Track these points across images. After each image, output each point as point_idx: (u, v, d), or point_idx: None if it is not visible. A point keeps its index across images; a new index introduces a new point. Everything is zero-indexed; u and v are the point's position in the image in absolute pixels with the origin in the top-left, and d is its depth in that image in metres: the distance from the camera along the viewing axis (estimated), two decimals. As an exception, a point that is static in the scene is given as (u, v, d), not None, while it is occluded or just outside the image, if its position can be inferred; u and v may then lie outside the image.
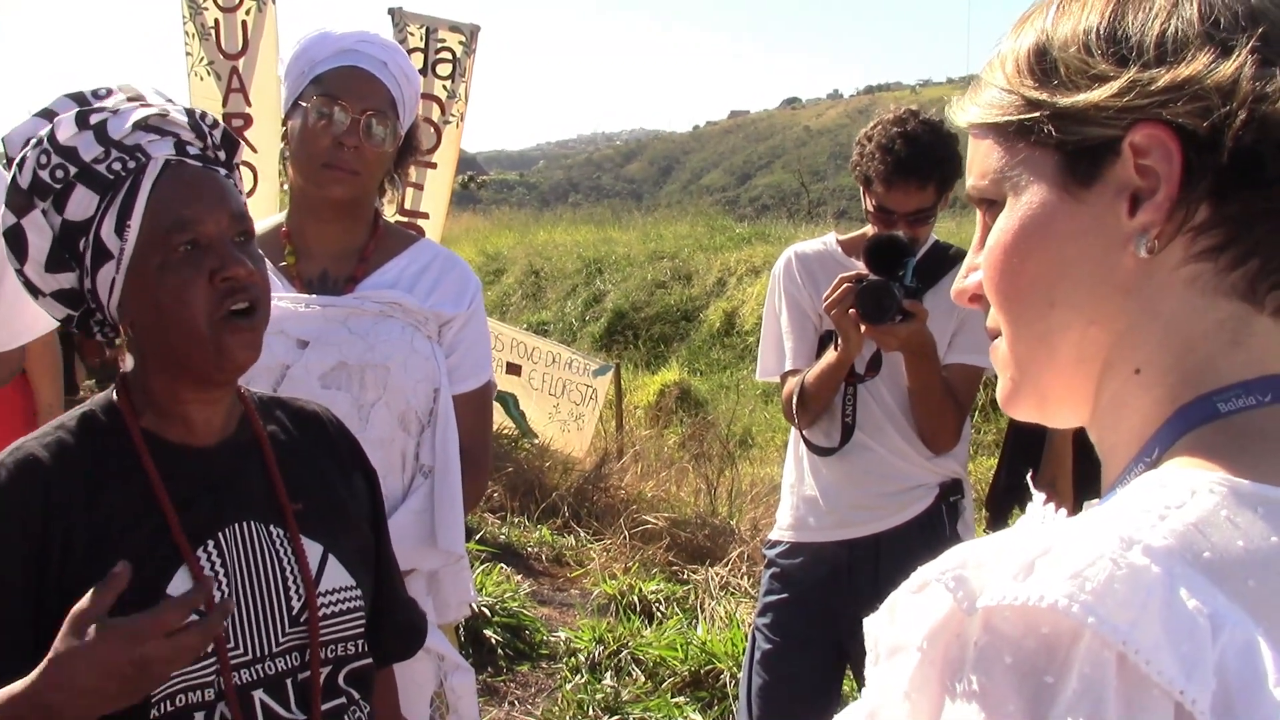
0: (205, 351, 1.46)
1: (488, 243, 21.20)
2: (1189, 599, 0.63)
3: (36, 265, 1.46)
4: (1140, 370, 0.81)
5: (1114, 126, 0.77)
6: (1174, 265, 0.78)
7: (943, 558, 0.70)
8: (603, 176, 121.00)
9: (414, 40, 5.81)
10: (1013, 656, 0.64)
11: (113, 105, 1.48)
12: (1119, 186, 0.78)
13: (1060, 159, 0.81)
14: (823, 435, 3.03)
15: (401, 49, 2.32)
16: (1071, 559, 0.64)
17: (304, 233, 2.26)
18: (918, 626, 0.69)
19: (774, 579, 3.13)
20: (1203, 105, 0.74)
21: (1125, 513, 0.70)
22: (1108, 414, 0.84)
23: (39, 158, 1.42)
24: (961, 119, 0.89)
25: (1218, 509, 0.69)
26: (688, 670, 4.84)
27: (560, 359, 9.22)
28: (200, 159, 1.50)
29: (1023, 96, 0.82)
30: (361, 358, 2.15)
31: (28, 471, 1.42)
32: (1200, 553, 0.66)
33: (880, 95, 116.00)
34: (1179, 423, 0.78)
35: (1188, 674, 0.61)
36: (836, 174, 75.00)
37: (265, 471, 1.59)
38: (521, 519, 7.27)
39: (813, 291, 3.00)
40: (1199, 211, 0.76)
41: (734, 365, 14.54)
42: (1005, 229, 0.84)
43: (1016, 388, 0.89)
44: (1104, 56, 0.78)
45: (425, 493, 2.22)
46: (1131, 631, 0.61)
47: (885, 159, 2.80)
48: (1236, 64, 0.74)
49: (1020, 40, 0.85)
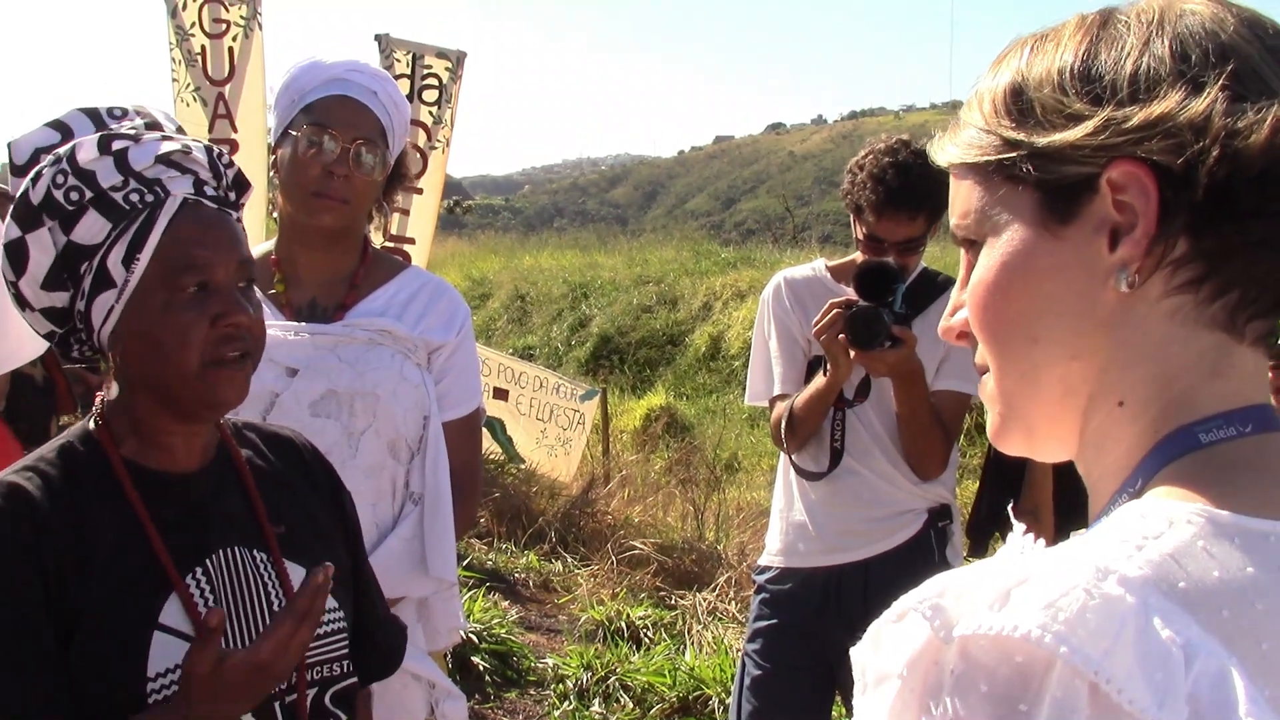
0: (194, 391, 1.46)
1: (473, 267, 21.21)
2: (1163, 629, 0.64)
3: (33, 281, 1.46)
4: (1123, 403, 0.82)
5: (1091, 164, 0.78)
6: (1154, 299, 0.79)
7: (922, 587, 0.70)
8: (588, 201, 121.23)
9: (400, 66, 5.84)
10: (988, 685, 0.64)
11: (130, 129, 1.48)
12: (1098, 222, 0.79)
13: (1039, 197, 0.82)
14: (811, 460, 3.04)
15: (391, 78, 2.33)
16: (1046, 589, 0.65)
17: (293, 260, 2.26)
18: (899, 655, 0.70)
19: (763, 605, 3.12)
20: (1176, 142, 0.75)
21: (1103, 543, 0.70)
22: (1092, 447, 0.85)
23: (55, 176, 1.42)
24: (941, 159, 0.90)
25: (1194, 539, 0.69)
26: (676, 696, 4.83)
27: (547, 384, 9.21)
28: (215, 200, 1.51)
29: (1000, 136, 0.83)
30: (351, 385, 2.15)
31: (16, 498, 1.40)
32: (1175, 583, 0.67)
33: (864, 120, 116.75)
34: (1161, 453, 0.79)
35: (1160, 703, 0.61)
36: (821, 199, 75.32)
37: (245, 497, 1.59)
38: (509, 544, 7.25)
39: (802, 317, 3.01)
40: (1178, 245, 0.77)
41: (720, 389, 14.54)
42: (988, 267, 0.85)
43: (1004, 422, 0.90)
44: (1078, 95, 0.79)
45: (415, 520, 2.22)
46: (1104, 661, 0.62)
47: (877, 189, 2.82)
48: (1208, 101, 0.75)
49: (997, 79, 0.86)
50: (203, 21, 5.74)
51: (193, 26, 5.74)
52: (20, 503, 1.40)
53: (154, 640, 1.41)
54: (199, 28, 5.75)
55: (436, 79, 6.02)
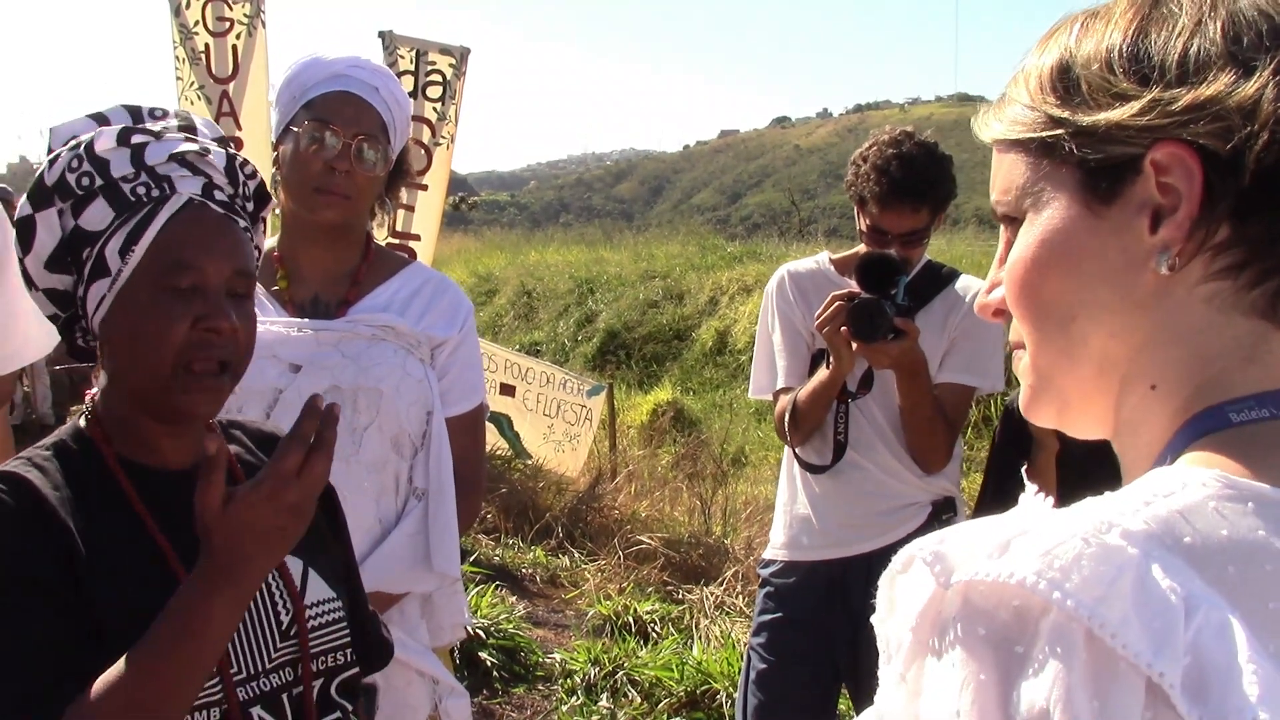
0: (161, 393, 1.46)
1: (479, 263, 21.22)
2: (1163, 579, 0.64)
3: (38, 260, 1.47)
4: (1156, 386, 0.82)
5: (1136, 144, 0.78)
6: (1193, 282, 0.79)
7: (927, 536, 0.71)
8: (593, 196, 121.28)
9: (404, 63, 5.84)
10: (986, 628, 0.65)
11: (159, 129, 1.49)
12: (1140, 203, 0.79)
13: (1082, 176, 0.82)
14: (815, 453, 3.04)
15: (392, 74, 2.33)
16: (1044, 538, 0.66)
17: (296, 257, 2.26)
18: (910, 610, 0.70)
19: (768, 598, 3.13)
20: (1224, 126, 0.74)
21: (1113, 500, 0.71)
22: (1127, 429, 0.85)
23: (71, 160, 1.44)
24: (985, 135, 0.90)
25: (1207, 500, 0.70)
26: (684, 691, 4.83)
27: (554, 379, 9.21)
28: (224, 205, 1.51)
29: (1046, 114, 0.83)
30: (354, 381, 2.15)
31: (20, 487, 1.40)
32: (1181, 537, 0.67)
33: (869, 114, 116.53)
34: (1191, 430, 0.79)
35: (1156, 649, 0.61)
36: (827, 192, 75.21)
37: None
38: (516, 540, 7.26)
39: (805, 310, 3.01)
40: (1219, 230, 0.77)
41: (727, 384, 14.53)
42: (1027, 244, 0.85)
43: (1036, 394, 0.90)
44: (1126, 75, 0.79)
45: (419, 515, 2.22)
46: (1097, 607, 0.62)
47: (881, 180, 2.82)
48: (1258, 85, 0.74)
49: (1044, 58, 0.85)
50: (206, 20, 5.75)
51: (196, 25, 5.75)
52: (24, 490, 1.40)
53: None
54: (202, 26, 5.76)
55: (440, 75, 6.03)
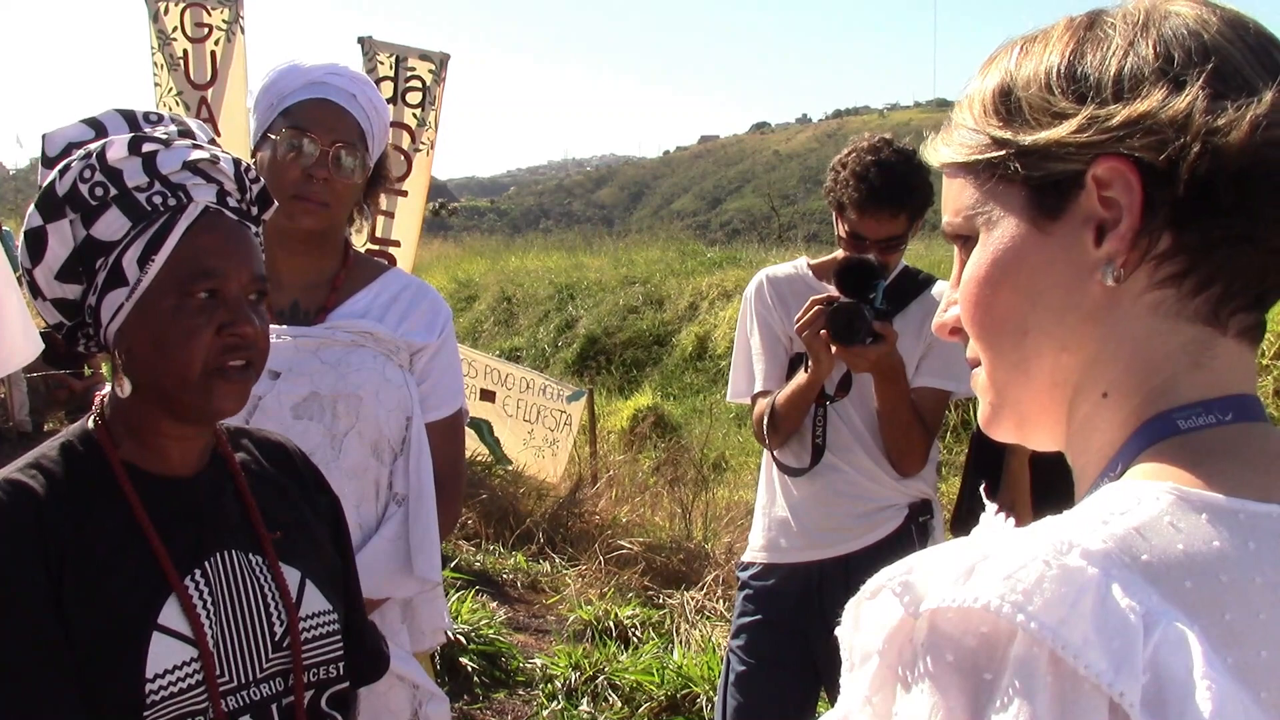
0: (194, 396, 1.48)
1: (459, 269, 21.19)
2: (1122, 598, 0.66)
3: (48, 271, 1.48)
4: (1107, 394, 0.84)
5: (1077, 161, 0.80)
6: (1139, 292, 0.81)
7: (894, 565, 0.73)
8: (573, 202, 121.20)
9: (384, 69, 5.84)
10: (954, 655, 0.67)
11: (163, 135, 1.51)
12: (1084, 218, 0.81)
13: (1028, 194, 0.84)
14: (793, 456, 3.05)
15: (371, 81, 2.33)
16: (1007, 562, 0.67)
17: (274, 264, 2.26)
18: (877, 632, 0.72)
19: (747, 600, 3.14)
20: (1159, 139, 0.77)
21: (1070, 520, 0.73)
22: (1079, 437, 0.87)
23: (83, 170, 1.44)
24: (934, 159, 0.93)
25: (1161, 515, 0.71)
26: (664, 695, 4.84)
27: (534, 385, 9.21)
28: (237, 212, 1.53)
29: (990, 136, 0.86)
30: (334, 388, 2.16)
31: (21, 494, 1.42)
32: (1138, 555, 0.69)
33: (848, 119, 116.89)
34: (1140, 439, 0.81)
35: (1116, 669, 0.63)
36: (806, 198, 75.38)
37: (241, 502, 1.61)
38: (496, 546, 7.25)
39: (783, 314, 3.03)
40: (1161, 240, 0.79)
41: (707, 389, 14.54)
42: (979, 263, 0.88)
43: (995, 412, 0.92)
44: (1064, 94, 0.82)
45: (399, 521, 2.22)
46: (1059, 629, 0.64)
47: (859, 186, 2.84)
48: (1189, 99, 0.77)
49: (986, 81, 0.88)
50: (185, 26, 5.74)
51: (175, 31, 5.74)
52: (25, 498, 1.41)
53: (153, 640, 1.42)
54: (181, 32, 5.75)
55: (420, 81, 6.03)
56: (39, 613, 1.37)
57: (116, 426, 1.54)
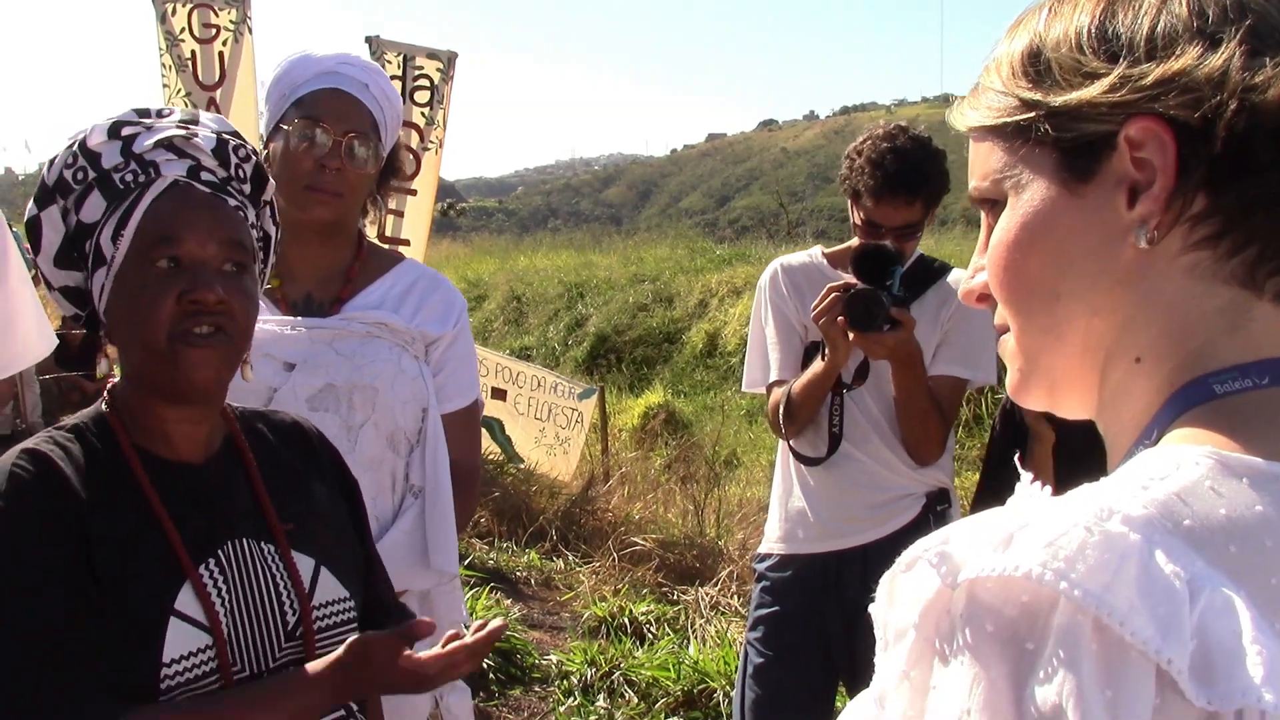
0: (162, 368, 1.47)
1: (468, 269, 21.20)
2: (1166, 564, 0.64)
3: (48, 259, 1.52)
4: (1140, 359, 0.82)
5: (1109, 121, 0.79)
6: (1173, 255, 0.79)
7: (930, 535, 0.71)
8: (581, 202, 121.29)
9: (392, 68, 5.84)
10: (994, 625, 0.65)
11: (150, 121, 1.52)
12: (1117, 180, 0.80)
13: (1058, 156, 0.82)
14: (809, 446, 3.04)
15: (383, 71, 2.33)
16: (1047, 529, 0.66)
17: (288, 255, 2.25)
18: (913, 606, 0.70)
19: (764, 592, 3.12)
20: (1194, 97, 0.75)
21: (1110, 486, 0.71)
22: (1111, 404, 0.86)
23: (67, 157, 1.49)
24: (961, 123, 0.91)
25: (1202, 479, 0.70)
26: (681, 690, 4.82)
27: (545, 383, 9.21)
28: (213, 185, 1.51)
29: (1019, 98, 0.84)
30: (349, 379, 2.15)
31: (43, 463, 1.42)
32: (1180, 520, 0.67)
33: (856, 115, 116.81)
34: (1176, 404, 0.79)
35: (1164, 635, 0.61)
36: (815, 194, 75.34)
37: (252, 489, 1.60)
38: (509, 543, 7.25)
39: (799, 303, 3.01)
40: (1196, 201, 0.78)
41: (718, 386, 14.54)
42: (1008, 227, 0.86)
43: (1025, 378, 0.91)
44: (1096, 54, 0.80)
45: (416, 513, 2.21)
46: (1104, 595, 0.62)
47: (875, 173, 2.82)
48: (1225, 56, 0.75)
49: (1014, 44, 0.86)
50: (192, 26, 5.74)
51: (182, 32, 5.74)
52: (47, 467, 1.41)
53: (170, 625, 1.42)
54: (189, 33, 5.75)
55: (428, 80, 6.03)
56: (74, 578, 1.37)
57: (125, 410, 1.53)
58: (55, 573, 1.36)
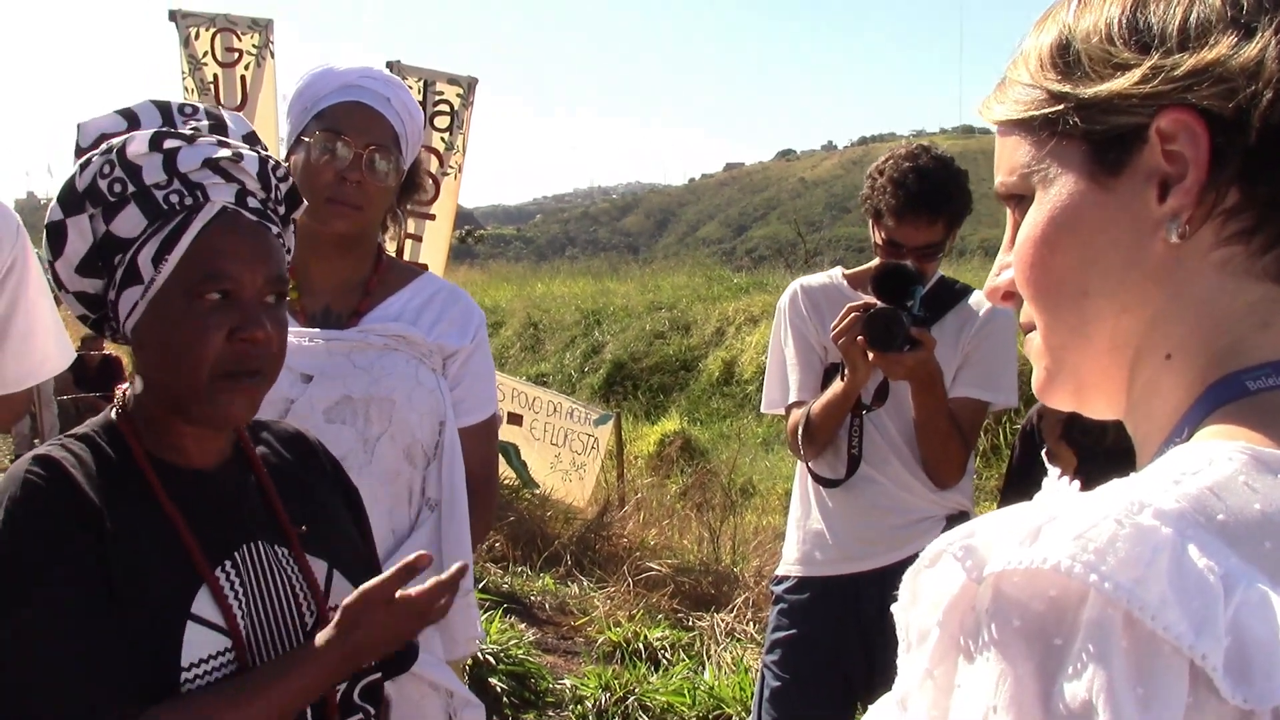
0: (201, 402, 1.46)
1: (486, 295, 21.27)
2: (1199, 558, 0.62)
3: (69, 265, 1.47)
4: (1171, 356, 0.80)
5: (1140, 114, 0.77)
6: (1204, 250, 0.78)
7: (954, 530, 0.69)
8: (599, 230, 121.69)
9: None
10: (1021, 619, 0.63)
11: (190, 130, 1.49)
12: (1147, 173, 0.78)
13: (1087, 149, 0.81)
14: (828, 468, 3.02)
15: (404, 85, 2.33)
16: (1076, 522, 0.64)
17: (307, 268, 2.25)
18: (937, 602, 0.68)
19: (781, 615, 3.09)
20: (1228, 87, 0.74)
21: (1141, 480, 0.69)
22: (1141, 403, 0.84)
23: (103, 166, 1.43)
24: (988, 117, 0.89)
25: (1236, 474, 0.68)
26: (695, 716, 4.80)
27: (561, 408, 9.21)
28: (258, 212, 1.50)
29: (1047, 90, 0.82)
30: (366, 391, 2.14)
31: (55, 469, 1.40)
32: (1214, 515, 0.65)
33: (874, 146, 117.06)
34: (1207, 401, 0.77)
35: (1197, 630, 0.59)
36: (833, 224, 75.39)
37: (263, 493, 1.60)
38: (524, 568, 7.23)
39: (818, 324, 3.00)
40: (1229, 195, 0.76)
41: (734, 414, 14.53)
42: (1035, 222, 0.84)
43: (1051, 377, 0.89)
44: (1126, 45, 0.78)
45: (432, 526, 2.20)
46: (1135, 589, 0.60)
47: (897, 193, 2.81)
48: (1261, 45, 0.73)
49: (1042, 36, 0.85)
50: (215, 50, 5.79)
51: (205, 55, 5.79)
52: (60, 472, 1.40)
53: (187, 630, 1.41)
54: (211, 57, 5.80)
55: (448, 105, 6.06)
56: (95, 582, 1.36)
57: (138, 419, 1.52)
58: (72, 578, 1.35)
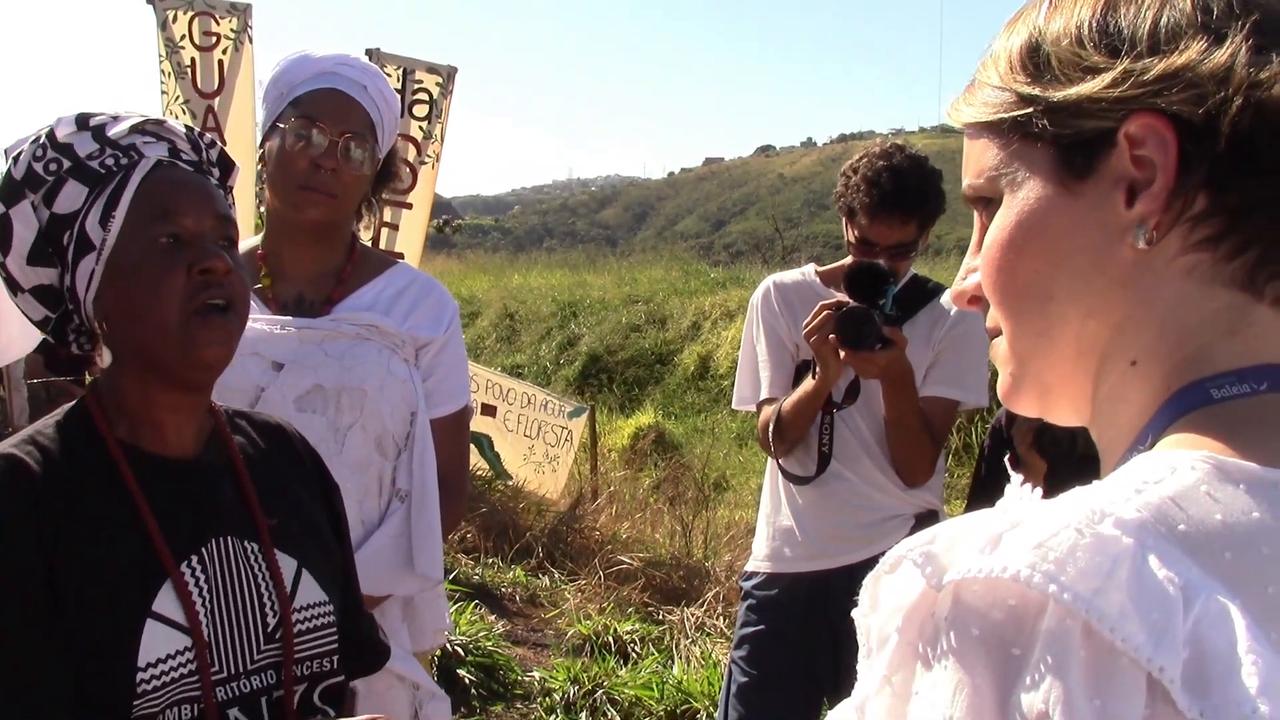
0: (174, 346, 1.44)
1: (462, 286, 21.17)
2: (1159, 569, 0.62)
3: (19, 258, 1.46)
4: (1136, 362, 0.80)
5: (1108, 118, 0.77)
6: (1171, 256, 0.77)
7: (915, 536, 0.69)
8: (577, 222, 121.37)
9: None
10: (979, 628, 0.63)
11: (115, 113, 1.50)
12: (1115, 178, 0.78)
13: (1055, 153, 0.80)
14: (799, 465, 3.02)
15: (381, 73, 2.32)
16: (1037, 531, 0.64)
17: (280, 255, 2.24)
18: (896, 608, 0.68)
19: (750, 611, 3.10)
20: (1197, 93, 0.74)
21: (1103, 489, 0.69)
22: (1105, 409, 0.83)
23: (35, 151, 1.44)
24: (956, 119, 0.89)
25: (1198, 484, 0.68)
26: (664, 710, 4.80)
27: (535, 400, 9.18)
28: (193, 164, 1.52)
29: (1016, 93, 0.82)
30: (338, 380, 2.13)
31: (17, 469, 1.38)
32: (1175, 525, 0.65)
33: (853, 143, 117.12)
34: (1172, 409, 0.77)
35: (1156, 642, 0.59)
36: (810, 220, 75.47)
37: (238, 487, 1.57)
38: (495, 560, 7.21)
39: (791, 321, 3.01)
40: (1197, 201, 0.76)
41: (709, 409, 14.52)
42: (1002, 226, 0.84)
43: (1017, 382, 0.88)
44: (1096, 49, 0.78)
45: (402, 517, 2.19)
46: (1094, 600, 0.60)
47: (871, 192, 2.82)
48: (1230, 50, 0.73)
49: (1012, 39, 0.84)
50: (193, 34, 5.73)
51: (183, 39, 5.73)
52: (20, 476, 1.38)
53: (146, 628, 1.38)
54: (189, 40, 5.74)
55: (427, 94, 6.02)
56: (33, 595, 1.33)
57: (110, 406, 1.50)
58: (15, 586, 1.33)
